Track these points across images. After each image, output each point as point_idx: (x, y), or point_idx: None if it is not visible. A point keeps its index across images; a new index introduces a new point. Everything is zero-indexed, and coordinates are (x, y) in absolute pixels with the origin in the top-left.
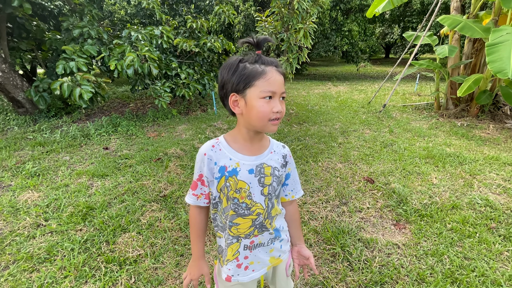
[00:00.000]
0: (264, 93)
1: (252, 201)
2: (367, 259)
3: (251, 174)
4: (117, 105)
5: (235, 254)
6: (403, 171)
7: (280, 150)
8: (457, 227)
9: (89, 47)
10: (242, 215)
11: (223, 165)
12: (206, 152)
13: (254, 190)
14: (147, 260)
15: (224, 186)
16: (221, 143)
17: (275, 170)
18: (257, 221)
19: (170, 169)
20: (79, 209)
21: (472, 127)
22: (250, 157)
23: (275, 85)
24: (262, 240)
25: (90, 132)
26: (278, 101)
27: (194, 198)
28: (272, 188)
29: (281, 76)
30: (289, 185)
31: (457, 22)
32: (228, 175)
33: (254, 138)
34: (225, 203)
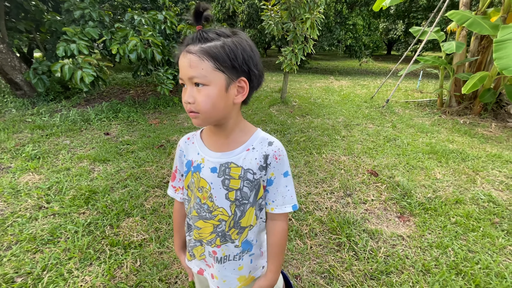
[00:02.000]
0: (179, 80)
1: (214, 204)
2: (372, 249)
3: (213, 173)
4: (116, 91)
5: (201, 256)
6: (406, 166)
7: (262, 148)
8: (461, 221)
9: (91, 30)
10: (203, 218)
11: (190, 159)
12: (181, 143)
13: (216, 192)
14: (152, 245)
15: (191, 182)
16: (196, 136)
17: (247, 173)
18: (219, 228)
19: (172, 156)
20: (81, 193)
21: (475, 125)
22: (215, 153)
23: (180, 69)
24: (227, 253)
25: (91, 117)
26: (189, 89)
27: (172, 190)
28: (242, 194)
29: (187, 57)
30: (269, 193)
31: (466, 18)
32: (193, 170)
33: (219, 131)
34: (192, 201)
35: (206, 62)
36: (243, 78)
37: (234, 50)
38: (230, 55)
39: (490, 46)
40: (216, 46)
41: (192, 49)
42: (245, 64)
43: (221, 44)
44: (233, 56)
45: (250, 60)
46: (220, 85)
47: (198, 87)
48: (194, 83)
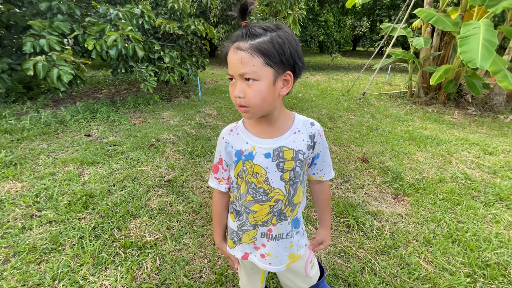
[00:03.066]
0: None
1: (270, 186)
2: (378, 228)
3: (267, 158)
4: (87, 91)
5: (251, 239)
6: (392, 152)
7: (307, 129)
8: (447, 197)
9: (61, 24)
10: (259, 201)
11: (239, 149)
12: (224, 136)
13: (271, 175)
14: (168, 243)
15: (242, 171)
16: (239, 127)
17: (299, 154)
18: (276, 208)
19: (167, 154)
20: (77, 197)
21: (441, 113)
22: (267, 140)
23: (230, 66)
24: (281, 231)
25: (66, 118)
26: (239, 84)
27: (216, 181)
28: (295, 173)
29: (239, 54)
30: (317, 165)
31: (431, 15)
32: (245, 159)
33: (267, 120)
34: (243, 188)
35: (256, 59)
36: (289, 72)
37: (282, 45)
38: (279, 50)
39: (452, 42)
40: (265, 42)
41: (243, 46)
42: (291, 58)
43: (269, 40)
44: (281, 51)
45: (296, 54)
46: (269, 79)
47: (248, 82)
48: (245, 78)
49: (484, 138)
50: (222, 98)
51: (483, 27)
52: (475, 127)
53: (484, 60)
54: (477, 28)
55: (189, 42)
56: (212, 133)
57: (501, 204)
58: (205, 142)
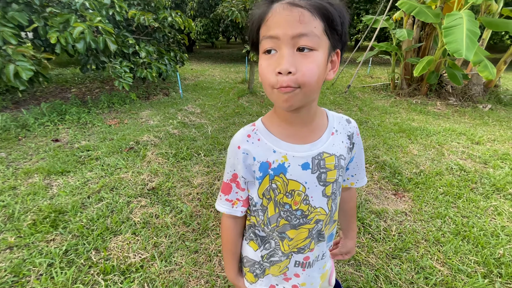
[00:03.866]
0: (264, 43)
1: (310, 206)
2: (385, 228)
3: (306, 170)
4: (54, 90)
5: (282, 271)
6: (385, 145)
7: (344, 127)
8: (447, 191)
9: (16, 14)
10: (296, 226)
11: (264, 160)
12: (241, 144)
13: (312, 191)
14: (157, 263)
15: (269, 189)
16: (260, 130)
17: (341, 160)
18: (315, 230)
19: (149, 158)
20: (43, 215)
21: (425, 104)
22: (302, 145)
23: (279, 25)
24: (317, 253)
25: (29, 122)
26: (287, 53)
27: (228, 205)
28: (338, 185)
29: (295, 10)
30: (350, 169)
31: (413, 7)
32: (274, 173)
33: (297, 118)
34: (271, 210)
35: (318, 21)
36: (338, 50)
37: (343, 12)
38: (341, 17)
39: (433, 33)
40: (326, 3)
41: (301, 2)
42: (345, 33)
43: (330, 1)
44: (343, 20)
45: (347, 28)
46: (325, 53)
47: (302, 52)
48: (297, 48)
49: (469, 128)
50: (204, 94)
51: (466, 18)
52: (458, 117)
53: (469, 50)
54: (460, 18)
55: (166, 36)
56: (197, 132)
57: (499, 195)
58: (190, 143)
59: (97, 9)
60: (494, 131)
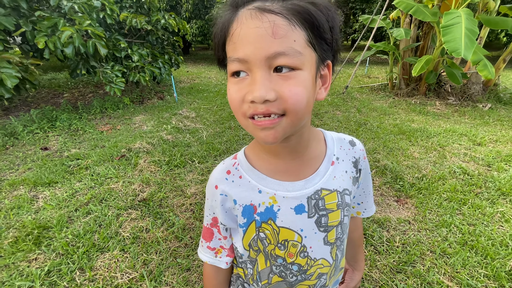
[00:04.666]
0: (230, 65)
1: (309, 259)
2: (388, 239)
3: (300, 214)
4: (45, 96)
5: None
6: (385, 148)
7: (348, 153)
8: (451, 196)
9: (2, 19)
10: (292, 284)
11: (248, 203)
12: (218, 184)
13: (311, 240)
14: (145, 284)
15: (257, 239)
16: (242, 165)
17: (345, 195)
18: (317, 286)
19: (141, 167)
20: (26, 232)
21: (424, 104)
22: (295, 183)
23: (247, 43)
24: None
25: (17, 129)
26: (261, 77)
27: (210, 253)
28: (343, 227)
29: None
30: (356, 197)
31: (410, 6)
32: (261, 219)
33: (285, 149)
34: (262, 263)
35: (298, 30)
36: (329, 62)
37: (333, 13)
38: (329, 21)
39: (430, 32)
40: (308, 3)
41: (274, 7)
42: (337, 39)
43: (313, 1)
44: (332, 23)
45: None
46: (313, 70)
47: (281, 73)
48: (275, 67)
49: (470, 128)
50: (200, 97)
51: (464, 16)
52: (458, 117)
53: (467, 49)
54: (459, 17)
55: (160, 38)
56: (192, 138)
57: (505, 200)
58: (184, 149)
59: (87, 12)
60: (495, 131)
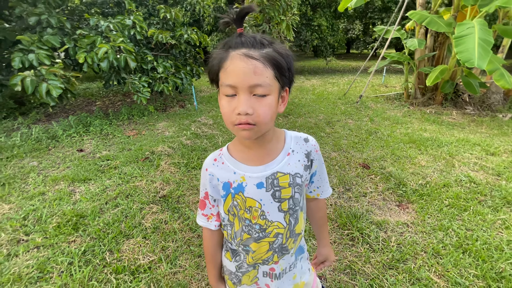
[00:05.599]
0: (223, 89)
1: (267, 220)
2: (384, 239)
3: (260, 188)
4: (81, 104)
5: (253, 280)
6: (393, 156)
7: (301, 147)
8: (453, 203)
9: (50, 37)
10: (257, 239)
11: (226, 181)
12: (208, 167)
13: (267, 207)
14: (163, 265)
15: (232, 206)
16: (224, 155)
17: (296, 178)
18: (276, 244)
19: (162, 168)
20: (67, 219)
21: (439, 113)
22: (257, 167)
23: (237, 76)
24: (284, 266)
25: (58, 133)
26: (244, 98)
27: (204, 219)
28: (294, 201)
29: (250, 62)
30: (315, 182)
31: (424, 17)
32: (234, 192)
33: (256, 143)
34: (237, 225)
35: (269, 70)
36: (287, 88)
37: (289, 58)
38: (287, 63)
39: (446, 42)
40: (275, 52)
41: (255, 54)
42: (292, 74)
43: (278, 51)
44: (289, 65)
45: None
46: (276, 94)
47: (257, 97)
48: (257, 94)
49: (485, 138)
50: (218, 106)
51: (478, 27)
52: (475, 127)
53: (481, 59)
54: (472, 27)
55: (182, 51)
56: (208, 143)
57: (510, 208)
58: (201, 153)
59: (120, 30)
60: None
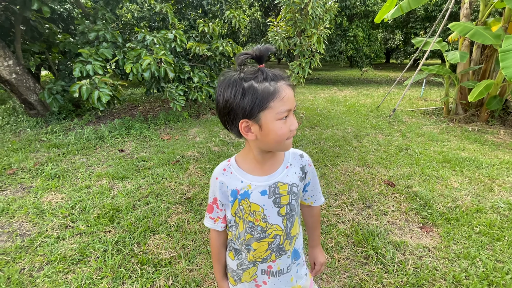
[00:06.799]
0: (281, 114)
1: (268, 223)
2: (400, 261)
3: (264, 195)
4: (126, 108)
5: (252, 277)
6: (422, 175)
7: (297, 161)
8: (485, 231)
9: (105, 50)
10: (258, 239)
11: (234, 188)
12: (218, 176)
13: (269, 212)
14: (182, 262)
15: (238, 210)
16: (232, 166)
17: (293, 187)
18: (274, 244)
19: (190, 171)
20: (105, 211)
21: (483, 132)
22: (262, 177)
23: (290, 102)
24: (281, 266)
25: (104, 134)
26: (293, 117)
27: (211, 221)
28: (291, 207)
29: (292, 90)
30: (309, 191)
31: (468, 28)
32: (241, 198)
33: (267, 158)
34: (241, 226)
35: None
36: None
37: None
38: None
39: (494, 55)
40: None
41: (290, 83)
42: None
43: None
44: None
45: None
46: None
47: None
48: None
49: None
50: None
51: None
52: None
53: None
54: None
55: (217, 62)
56: (234, 150)
57: None
58: None
59: (163, 43)
60: None
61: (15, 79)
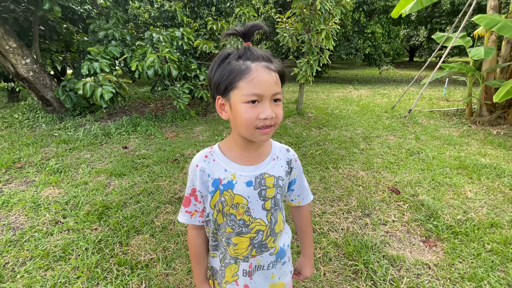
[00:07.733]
0: (247, 97)
1: (251, 217)
2: (393, 279)
3: (249, 186)
4: (138, 105)
5: (234, 276)
6: (432, 182)
7: (283, 155)
8: (498, 249)
9: (113, 48)
10: (239, 234)
11: (217, 177)
12: (198, 163)
13: (253, 204)
14: (159, 265)
15: (219, 202)
16: (215, 153)
17: (279, 180)
18: (256, 240)
19: (186, 170)
20: (95, 208)
21: (510, 136)
22: (248, 167)
23: (262, 86)
24: (261, 262)
25: (111, 131)
26: (268, 105)
27: (187, 216)
28: (276, 201)
29: (272, 74)
30: (295, 190)
31: (495, 22)
32: (223, 188)
33: (251, 146)
34: (220, 219)
35: (279, 81)
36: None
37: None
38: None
39: None
40: (279, 66)
41: (273, 67)
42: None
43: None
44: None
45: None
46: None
47: (275, 102)
48: (275, 100)
49: None
50: None
51: None
52: None
53: None
54: None
55: None
56: None
57: None
58: None
59: (169, 41)
60: None
61: (32, 76)
